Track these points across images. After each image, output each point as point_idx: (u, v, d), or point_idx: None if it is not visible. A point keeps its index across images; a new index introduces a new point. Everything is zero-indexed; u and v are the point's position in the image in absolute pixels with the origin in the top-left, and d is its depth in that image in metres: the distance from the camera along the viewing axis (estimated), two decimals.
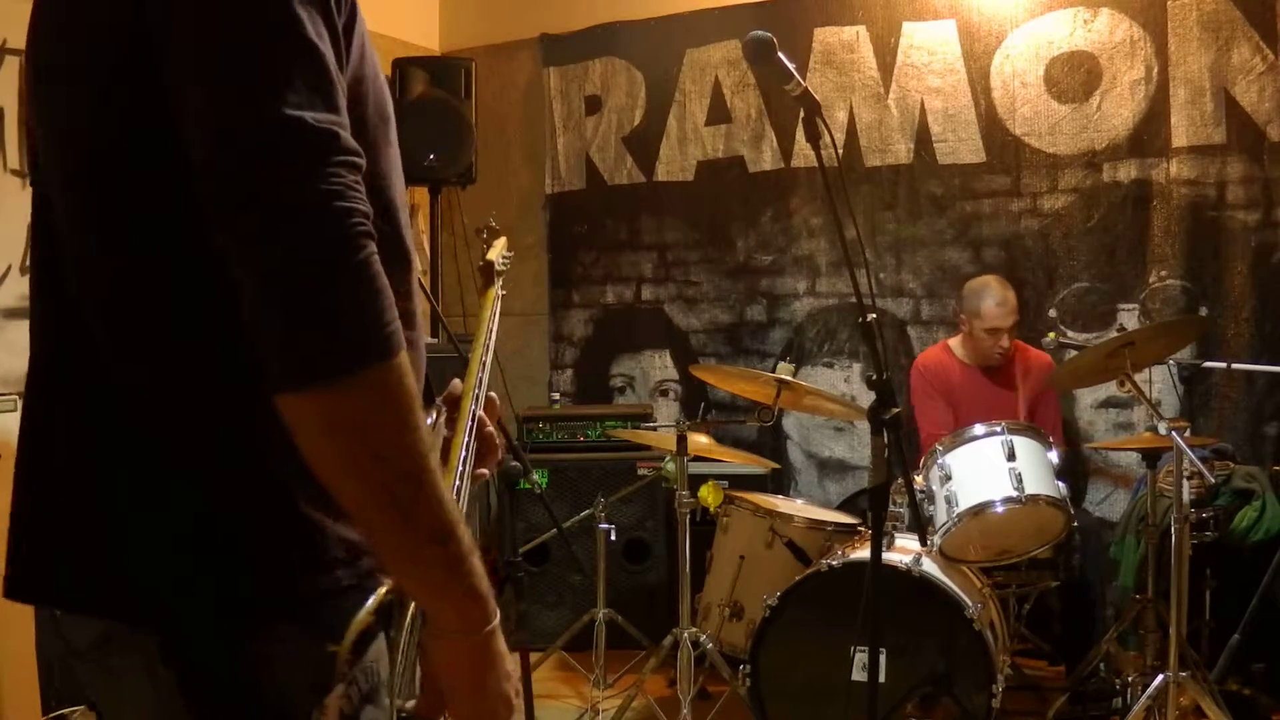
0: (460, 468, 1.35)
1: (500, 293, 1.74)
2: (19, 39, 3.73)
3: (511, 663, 1.14)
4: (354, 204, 0.97)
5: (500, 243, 1.85)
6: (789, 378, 3.56)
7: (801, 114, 2.30)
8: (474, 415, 1.40)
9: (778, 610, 3.35)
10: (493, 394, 1.48)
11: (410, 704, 1.14)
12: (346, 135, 0.99)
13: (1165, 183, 4.37)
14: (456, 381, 1.43)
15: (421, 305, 1.24)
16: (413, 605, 1.13)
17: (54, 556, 1.12)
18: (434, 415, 1.31)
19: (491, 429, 1.45)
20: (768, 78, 2.90)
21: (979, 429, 3.58)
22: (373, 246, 0.98)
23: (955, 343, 4.33)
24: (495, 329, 1.64)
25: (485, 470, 1.43)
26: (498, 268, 1.77)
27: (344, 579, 1.09)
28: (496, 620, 1.10)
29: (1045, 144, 4.54)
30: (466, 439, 1.37)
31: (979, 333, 4.16)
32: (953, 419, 4.15)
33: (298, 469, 1.01)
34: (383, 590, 1.10)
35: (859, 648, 3.07)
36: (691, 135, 5.13)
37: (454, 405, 1.40)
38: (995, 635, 3.35)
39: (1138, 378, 3.48)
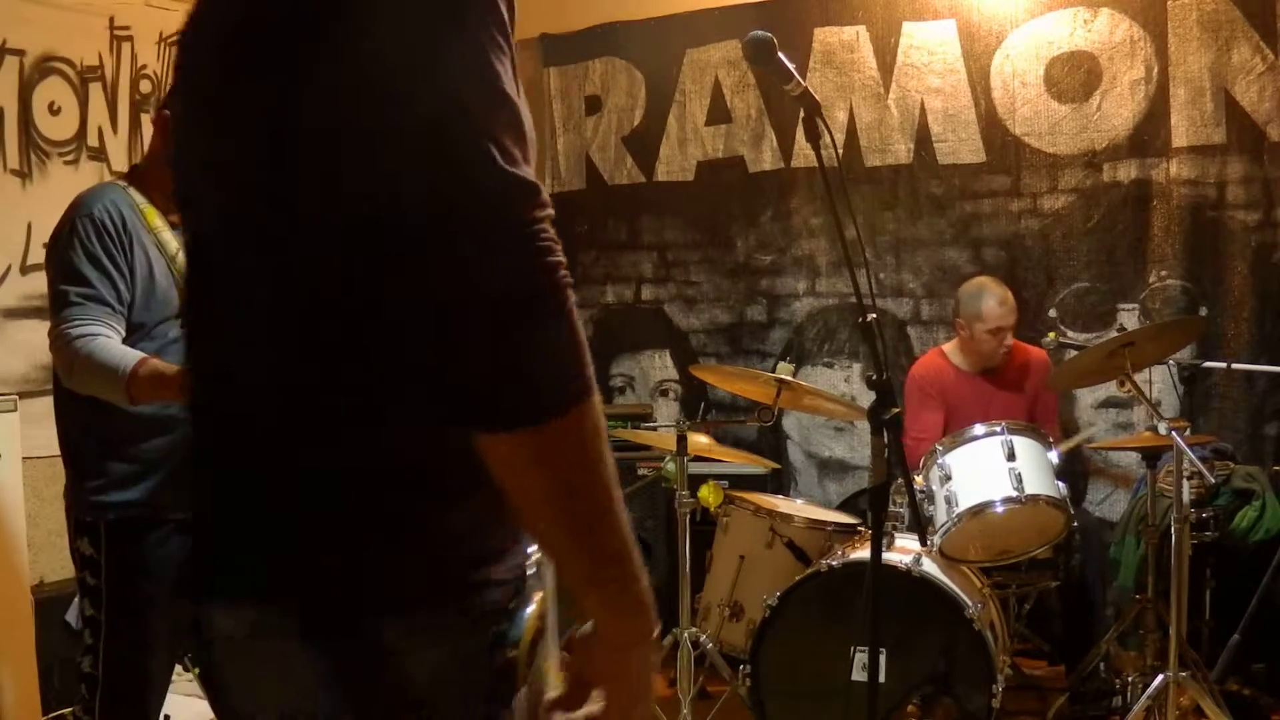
0: None
1: None
2: (19, 39, 3.73)
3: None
4: (559, 257, 1.04)
5: None
6: (789, 378, 3.56)
7: (801, 114, 2.31)
8: None
9: (778, 610, 3.34)
10: None
11: (551, 695, 1.21)
12: (543, 190, 1.05)
13: (1165, 183, 4.36)
14: None
15: None
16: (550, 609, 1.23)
17: (215, 555, 1.19)
18: None
19: None
20: (768, 78, 2.90)
21: (979, 429, 3.57)
22: (573, 296, 1.05)
23: (950, 348, 4.29)
24: None
25: None
26: None
27: (494, 574, 1.15)
28: (656, 632, 1.17)
29: (1045, 144, 4.54)
30: None
31: (982, 335, 4.11)
32: (943, 427, 4.13)
33: (449, 469, 1.08)
34: (540, 596, 1.20)
35: (859, 648, 3.07)
36: (691, 135, 5.13)
37: None
38: (995, 635, 3.35)
39: (1138, 378, 3.48)
